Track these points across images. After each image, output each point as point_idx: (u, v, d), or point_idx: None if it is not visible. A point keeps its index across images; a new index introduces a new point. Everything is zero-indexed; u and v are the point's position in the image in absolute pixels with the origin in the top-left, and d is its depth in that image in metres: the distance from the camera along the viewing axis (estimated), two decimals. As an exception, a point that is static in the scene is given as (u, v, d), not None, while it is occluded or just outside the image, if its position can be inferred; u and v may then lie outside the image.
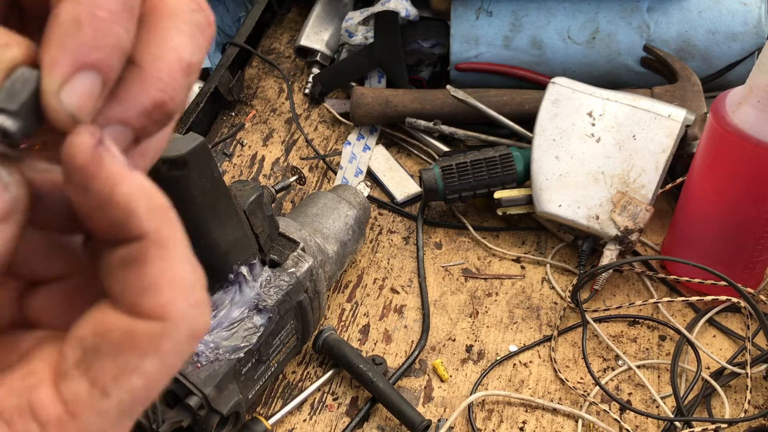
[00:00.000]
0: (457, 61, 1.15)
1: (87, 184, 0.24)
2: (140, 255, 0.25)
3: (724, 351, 0.91)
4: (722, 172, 0.86)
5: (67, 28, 0.24)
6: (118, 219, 0.24)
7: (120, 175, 0.24)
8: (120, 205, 0.24)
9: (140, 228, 0.24)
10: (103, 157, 0.24)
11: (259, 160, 1.13)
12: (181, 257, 0.25)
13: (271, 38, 1.34)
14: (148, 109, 0.25)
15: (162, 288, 0.24)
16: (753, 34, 1.10)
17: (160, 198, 0.25)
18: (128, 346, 0.24)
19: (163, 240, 0.25)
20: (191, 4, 0.27)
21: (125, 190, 0.24)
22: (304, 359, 0.89)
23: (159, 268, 0.25)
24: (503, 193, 0.99)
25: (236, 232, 0.71)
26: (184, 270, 0.25)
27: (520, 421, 0.85)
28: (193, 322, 0.25)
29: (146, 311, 0.24)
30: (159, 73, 0.25)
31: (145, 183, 0.25)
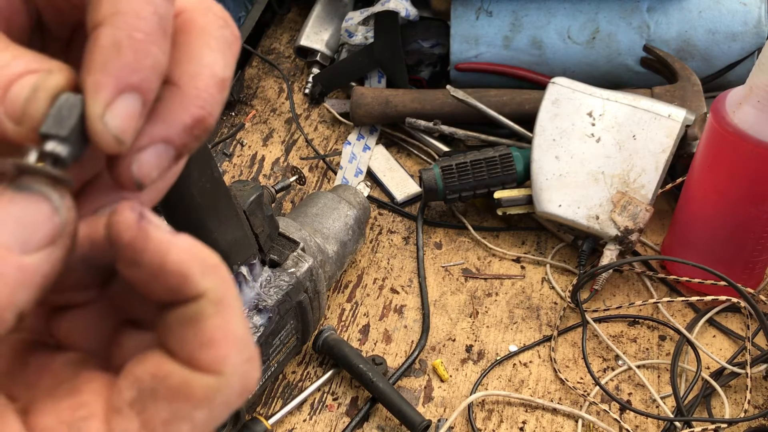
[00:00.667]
0: (457, 61, 1.15)
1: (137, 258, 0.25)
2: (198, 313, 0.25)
3: (724, 351, 0.91)
4: (722, 172, 0.86)
5: (108, 52, 0.24)
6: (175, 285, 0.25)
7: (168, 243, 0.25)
8: (173, 272, 0.25)
9: (197, 289, 0.25)
10: (149, 230, 0.25)
11: (259, 160, 1.13)
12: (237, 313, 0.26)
13: (271, 38, 1.34)
14: (189, 126, 0.26)
15: (219, 343, 0.25)
16: (753, 34, 1.10)
17: (211, 256, 0.26)
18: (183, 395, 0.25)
19: (219, 298, 0.26)
20: (219, 20, 0.28)
21: (176, 258, 0.25)
22: (304, 359, 0.89)
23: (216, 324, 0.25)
24: (503, 193, 0.99)
25: (236, 232, 0.71)
26: (239, 326, 0.26)
27: (520, 421, 0.85)
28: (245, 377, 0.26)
29: (203, 365, 0.25)
30: (197, 91, 0.26)
31: (193, 245, 0.26)
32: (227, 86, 0.27)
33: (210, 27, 0.27)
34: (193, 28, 0.27)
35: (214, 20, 0.28)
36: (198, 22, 0.27)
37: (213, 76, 0.27)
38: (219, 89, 0.27)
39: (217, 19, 0.28)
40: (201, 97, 0.26)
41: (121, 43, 0.24)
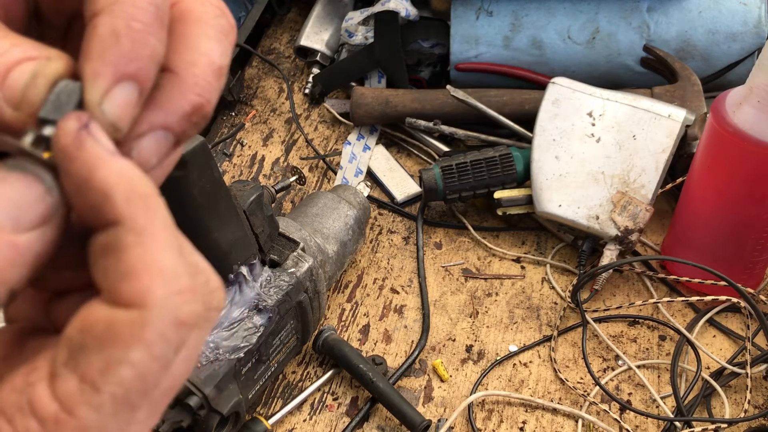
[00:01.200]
0: (457, 61, 1.15)
1: (67, 166, 0.25)
2: (118, 241, 0.25)
3: (724, 351, 0.91)
4: (722, 172, 0.86)
5: (106, 41, 0.25)
6: (95, 203, 0.25)
7: (100, 159, 0.25)
8: (96, 189, 0.24)
9: (116, 213, 0.25)
10: (85, 141, 0.25)
11: (259, 160, 1.13)
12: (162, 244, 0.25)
13: (271, 38, 1.34)
14: (188, 113, 0.27)
15: (140, 274, 0.24)
16: (753, 34, 1.10)
17: (144, 186, 0.25)
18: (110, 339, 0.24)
19: (141, 226, 0.25)
20: (215, 9, 0.28)
21: (102, 174, 0.24)
22: (304, 359, 0.89)
23: (136, 254, 0.24)
24: (503, 193, 0.99)
25: (236, 232, 0.71)
26: (166, 256, 0.25)
27: (520, 421, 0.85)
28: (177, 309, 0.25)
29: (124, 299, 0.24)
30: (195, 78, 0.27)
31: (128, 169, 0.25)
32: (224, 74, 0.28)
33: (206, 16, 0.28)
34: (190, 17, 0.27)
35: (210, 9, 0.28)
36: (195, 11, 0.28)
37: (210, 64, 0.27)
38: (216, 77, 0.27)
39: (214, 9, 0.28)
40: (199, 84, 0.27)
41: (120, 32, 0.25)
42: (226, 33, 0.28)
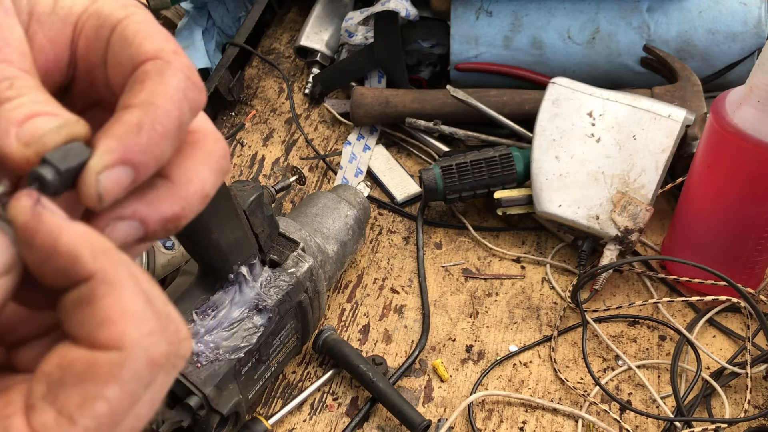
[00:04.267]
0: (457, 61, 1.15)
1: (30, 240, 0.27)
2: (91, 293, 0.27)
3: (724, 351, 0.91)
4: (722, 172, 0.86)
5: (129, 129, 0.28)
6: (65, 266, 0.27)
7: (60, 226, 0.27)
8: (64, 254, 0.27)
9: (87, 269, 0.27)
10: (43, 214, 0.27)
11: (259, 160, 1.13)
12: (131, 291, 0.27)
13: (271, 38, 1.34)
14: (167, 218, 0.30)
15: (115, 320, 0.27)
16: (753, 34, 1.10)
17: (103, 241, 0.28)
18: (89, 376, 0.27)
19: (110, 277, 0.27)
20: (223, 151, 0.33)
21: (66, 239, 0.27)
22: (304, 359, 0.89)
23: (109, 302, 0.27)
24: (503, 193, 0.99)
25: (236, 232, 0.71)
26: (135, 302, 0.27)
27: (520, 421, 0.85)
28: (149, 349, 0.27)
29: (103, 343, 0.27)
30: (185, 194, 0.30)
31: (86, 230, 0.28)
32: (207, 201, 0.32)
33: (215, 153, 0.32)
34: (203, 146, 0.32)
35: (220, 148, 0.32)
36: (208, 145, 0.32)
37: (202, 189, 0.31)
38: (201, 202, 0.31)
39: (222, 149, 0.33)
40: (187, 199, 0.30)
41: (143, 127, 0.28)
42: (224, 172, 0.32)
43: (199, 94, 0.31)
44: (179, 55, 0.30)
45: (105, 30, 0.31)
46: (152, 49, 0.30)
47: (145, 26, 0.31)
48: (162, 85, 0.29)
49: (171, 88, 0.29)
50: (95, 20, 0.31)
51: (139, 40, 0.30)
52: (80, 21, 0.32)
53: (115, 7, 0.32)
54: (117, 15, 0.31)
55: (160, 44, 0.30)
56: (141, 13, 0.31)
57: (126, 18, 0.31)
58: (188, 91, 0.30)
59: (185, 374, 0.70)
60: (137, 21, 0.31)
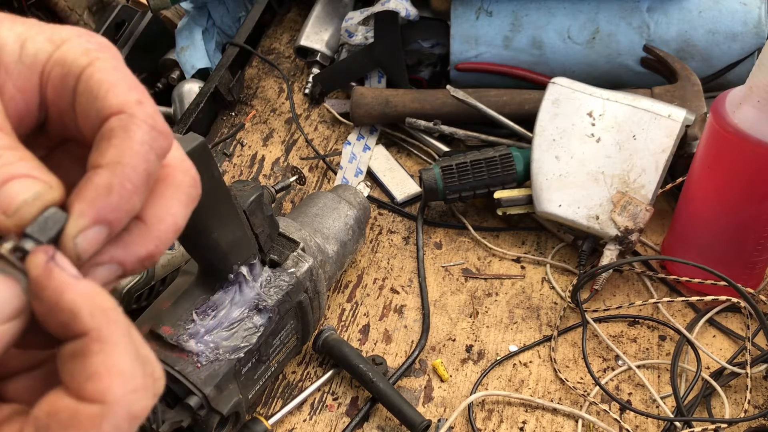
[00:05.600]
0: (457, 61, 1.15)
1: (40, 293, 0.30)
2: (84, 349, 0.30)
3: (724, 351, 0.91)
4: (722, 172, 0.86)
5: (100, 191, 0.30)
6: (66, 320, 0.30)
7: (66, 284, 0.30)
8: (65, 309, 0.29)
9: (84, 326, 0.30)
10: (53, 270, 0.30)
11: (259, 160, 1.13)
12: (122, 350, 0.30)
13: (271, 38, 1.34)
14: (142, 258, 0.32)
15: (102, 376, 0.29)
16: (753, 34, 1.10)
17: (103, 300, 0.30)
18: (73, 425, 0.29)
19: (104, 336, 0.30)
20: (192, 180, 0.35)
21: (70, 297, 0.29)
22: (304, 359, 0.89)
23: (99, 359, 0.29)
24: (503, 193, 0.99)
25: (236, 232, 0.71)
26: (124, 361, 0.30)
27: (520, 421, 0.85)
28: (131, 405, 0.30)
29: (89, 396, 0.29)
30: (158, 233, 0.33)
31: (89, 289, 0.30)
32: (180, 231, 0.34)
33: (184, 185, 0.34)
34: (171, 181, 0.34)
35: (188, 180, 0.34)
36: (177, 178, 0.34)
37: (174, 224, 0.33)
38: (174, 234, 0.33)
39: (191, 180, 0.35)
40: (160, 238, 0.33)
41: (113, 188, 0.30)
42: (194, 200, 0.35)
43: (164, 140, 0.32)
44: (143, 104, 0.32)
45: (70, 79, 0.32)
46: (116, 103, 0.31)
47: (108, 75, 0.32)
48: (128, 141, 0.31)
49: (136, 144, 0.31)
50: (60, 68, 0.32)
51: (103, 93, 0.31)
52: (46, 69, 0.33)
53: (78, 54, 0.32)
54: (80, 63, 0.32)
55: (123, 95, 0.31)
56: (104, 58, 0.32)
57: (89, 65, 0.32)
58: (153, 142, 0.31)
59: (185, 374, 0.70)
60: (101, 69, 0.32)
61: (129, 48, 1.28)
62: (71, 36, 0.33)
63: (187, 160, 0.35)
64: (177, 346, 0.71)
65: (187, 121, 1.11)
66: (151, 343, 0.72)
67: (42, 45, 0.33)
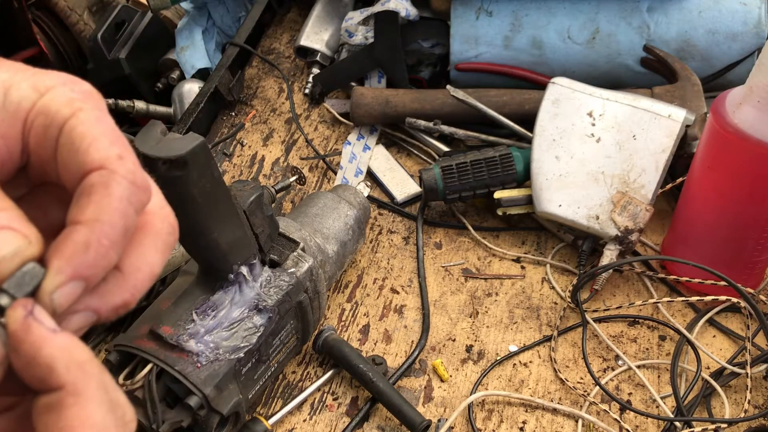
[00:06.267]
0: (457, 61, 1.15)
1: (17, 347, 0.30)
2: (59, 402, 0.30)
3: (724, 351, 0.91)
4: (722, 172, 0.86)
5: (78, 248, 0.31)
6: (42, 374, 0.30)
7: (44, 338, 0.30)
8: (42, 364, 0.30)
9: (58, 381, 0.30)
10: (31, 325, 0.30)
11: (259, 160, 1.13)
12: (95, 403, 0.31)
13: (271, 38, 1.34)
14: (117, 306, 0.33)
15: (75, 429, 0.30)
16: (753, 34, 1.10)
17: (80, 353, 0.31)
18: None
19: (78, 390, 0.30)
20: (170, 228, 0.35)
21: (47, 352, 0.30)
22: (304, 359, 0.89)
23: (73, 412, 0.30)
24: (503, 193, 0.99)
25: (236, 232, 0.71)
26: (97, 414, 0.30)
27: (520, 421, 0.85)
28: None
29: None
30: (135, 282, 0.33)
31: (66, 342, 0.31)
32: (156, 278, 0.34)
33: (162, 233, 0.34)
34: (150, 229, 0.34)
35: (166, 227, 0.35)
36: (155, 226, 0.34)
37: (150, 273, 0.33)
38: (150, 282, 0.34)
39: (169, 227, 0.35)
40: (137, 286, 0.33)
41: (90, 245, 0.31)
42: (170, 247, 0.35)
43: (143, 195, 0.33)
44: (124, 160, 0.32)
45: (53, 130, 0.32)
46: (98, 158, 0.31)
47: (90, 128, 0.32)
48: (107, 197, 0.31)
49: (115, 201, 0.31)
50: (44, 118, 0.33)
51: (85, 147, 0.32)
52: (29, 117, 0.33)
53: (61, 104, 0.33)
54: (63, 113, 0.32)
55: (104, 151, 0.32)
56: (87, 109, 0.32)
57: (72, 116, 0.32)
58: (132, 197, 0.32)
59: (185, 374, 0.70)
60: (83, 121, 0.32)
61: (129, 48, 1.27)
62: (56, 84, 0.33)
63: (166, 206, 0.35)
64: (177, 346, 0.71)
65: (187, 121, 1.11)
66: (151, 343, 0.72)
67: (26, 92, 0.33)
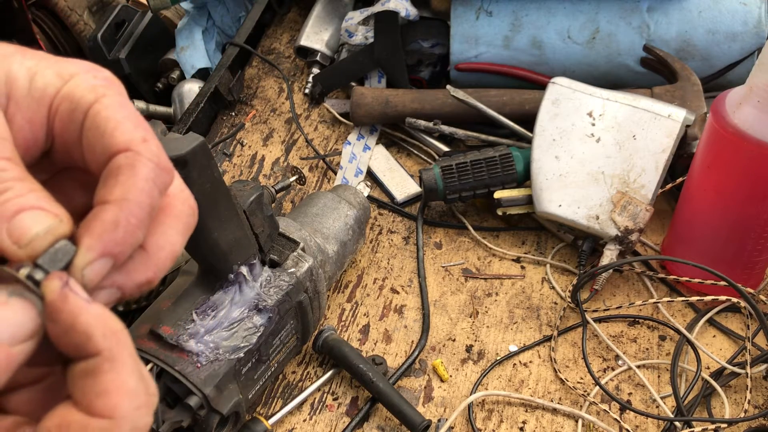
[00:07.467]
0: (457, 61, 1.15)
1: (55, 316, 0.32)
2: (96, 368, 0.32)
3: (724, 351, 0.91)
4: (722, 172, 0.86)
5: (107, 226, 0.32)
6: (80, 341, 0.32)
7: (80, 307, 0.32)
8: (80, 331, 0.32)
9: (96, 347, 0.32)
10: (68, 295, 0.32)
11: (259, 160, 1.13)
12: (129, 369, 0.32)
13: (271, 38, 1.34)
14: (142, 283, 0.34)
15: (111, 393, 0.32)
16: (753, 34, 1.10)
17: (114, 323, 0.32)
18: None
19: (114, 356, 0.32)
20: (189, 210, 0.37)
21: (84, 319, 0.32)
22: (304, 359, 0.89)
23: (110, 377, 0.32)
24: (503, 193, 0.99)
25: (236, 232, 0.71)
26: (131, 380, 0.32)
27: (520, 421, 0.85)
28: (135, 420, 0.32)
29: (98, 411, 0.31)
30: (157, 260, 0.35)
31: (101, 312, 0.32)
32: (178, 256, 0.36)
33: (183, 214, 0.36)
34: (172, 210, 0.36)
35: (187, 209, 0.37)
36: (176, 208, 0.36)
37: (172, 252, 0.35)
38: (172, 261, 0.35)
39: (189, 209, 0.37)
40: (158, 265, 0.35)
41: (119, 223, 0.32)
42: (191, 228, 0.37)
43: (167, 176, 0.34)
44: (148, 142, 0.34)
45: (78, 114, 0.34)
46: (123, 141, 0.33)
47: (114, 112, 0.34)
48: (133, 178, 0.33)
49: (142, 181, 0.33)
50: (68, 103, 0.34)
51: (110, 130, 0.33)
52: (54, 103, 0.35)
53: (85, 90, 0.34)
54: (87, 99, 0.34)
55: (129, 134, 0.33)
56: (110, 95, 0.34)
57: (96, 102, 0.34)
58: (157, 178, 0.34)
59: (185, 374, 0.70)
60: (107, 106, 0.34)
61: (129, 48, 1.27)
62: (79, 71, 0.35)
63: (186, 190, 0.37)
64: (177, 346, 0.71)
65: (187, 121, 1.11)
66: (151, 343, 0.72)
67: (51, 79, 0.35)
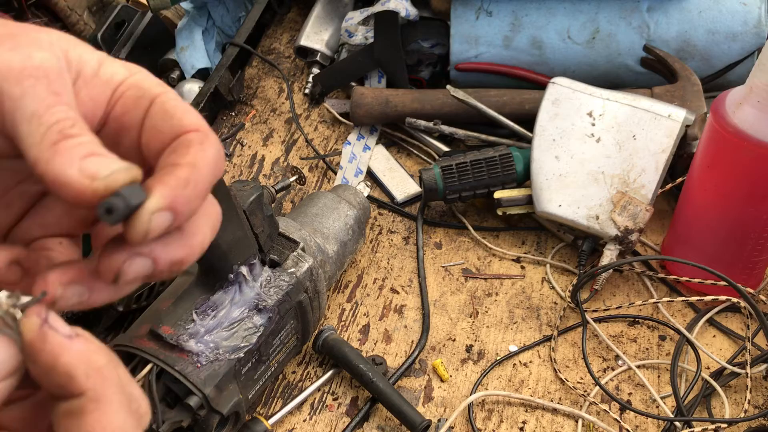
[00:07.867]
0: (457, 61, 1.15)
1: (35, 357, 0.31)
2: (80, 408, 0.31)
3: (724, 351, 0.91)
4: (722, 172, 0.86)
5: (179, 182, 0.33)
6: (62, 382, 0.31)
7: (61, 346, 0.31)
8: (61, 373, 0.31)
9: (80, 388, 0.31)
10: (47, 334, 0.31)
11: (259, 160, 1.13)
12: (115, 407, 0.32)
13: (271, 38, 1.34)
14: (175, 261, 0.34)
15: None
16: (753, 34, 1.10)
17: (97, 358, 0.32)
18: None
19: (99, 396, 0.31)
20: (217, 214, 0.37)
21: (65, 360, 0.31)
22: (304, 359, 0.89)
23: (95, 418, 0.31)
24: (503, 193, 0.99)
25: (236, 232, 0.71)
26: (117, 418, 0.31)
27: (520, 421, 0.85)
28: None
29: None
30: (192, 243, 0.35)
31: (83, 348, 0.32)
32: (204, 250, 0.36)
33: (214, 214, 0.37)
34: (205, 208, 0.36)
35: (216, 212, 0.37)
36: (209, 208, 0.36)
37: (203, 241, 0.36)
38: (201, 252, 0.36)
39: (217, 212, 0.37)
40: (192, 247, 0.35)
41: (190, 183, 0.33)
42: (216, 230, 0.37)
43: (223, 167, 0.36)
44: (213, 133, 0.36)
45: (144, 101, 0.36)
46: (193, 123, 0.35)
47: (181, 103, 0.36)
48: (203, 152, 0.34)
49: (209, 157, 0.34)
50: (135, 91, 0.36)
51: (179, 114, 0.35)
52: (120, 88, 0.36)
53: (153, 83, 0.37)
54: (155, 90, 0.36)
55: (198, 120, 0.35)
56: (174, 92, 0.37)
57: (163, 94, 0.36)
58: (219, 162, 0.35)
59: (185, 374, 0.70)
60: (173, 98, 0.36)
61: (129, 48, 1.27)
62: (142, 69, 0.38)
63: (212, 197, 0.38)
64: (177, 346, 0.71)
65: (187, 121, 1.11)
66: (151, 343, 0.72)
67: (119, 69, 0.37)
